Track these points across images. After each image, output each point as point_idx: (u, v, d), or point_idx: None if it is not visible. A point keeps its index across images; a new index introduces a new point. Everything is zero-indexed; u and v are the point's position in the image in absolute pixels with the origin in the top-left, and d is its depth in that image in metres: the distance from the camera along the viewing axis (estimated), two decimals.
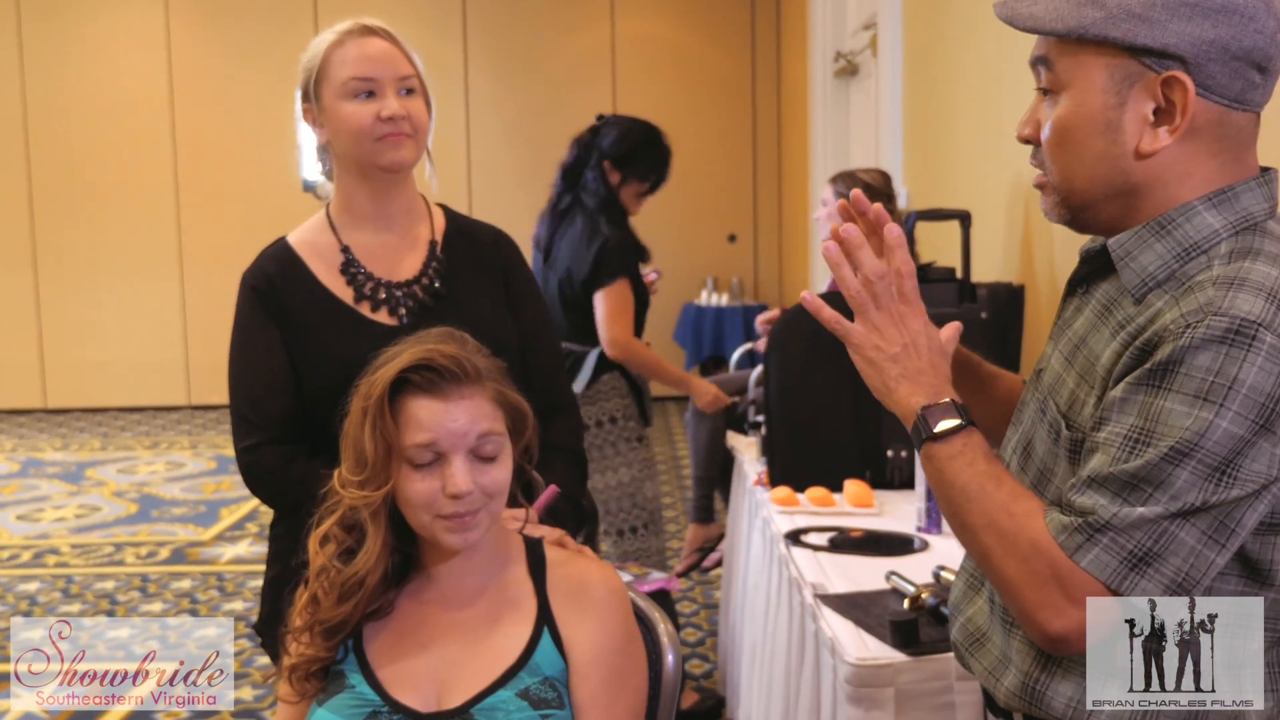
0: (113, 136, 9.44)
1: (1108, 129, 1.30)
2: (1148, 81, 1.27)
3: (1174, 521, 1.21)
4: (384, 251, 2.13)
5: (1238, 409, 1.17)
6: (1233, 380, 1.17)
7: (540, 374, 2.18)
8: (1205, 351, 1.18)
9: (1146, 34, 1.25)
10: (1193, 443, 1.18)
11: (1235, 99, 1.27)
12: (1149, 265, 1.30)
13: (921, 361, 1.41)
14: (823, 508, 2.97)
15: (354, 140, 2.05)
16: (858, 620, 2.20)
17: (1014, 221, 3.67)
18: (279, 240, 2.17)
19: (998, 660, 1.45)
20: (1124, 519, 1.22)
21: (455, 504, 1.56)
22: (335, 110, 2.07)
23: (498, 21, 9.44)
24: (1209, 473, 1.19)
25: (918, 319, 1.41)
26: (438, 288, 2.11)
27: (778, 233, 9.88)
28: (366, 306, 2.08)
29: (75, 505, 6.78)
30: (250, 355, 2.10)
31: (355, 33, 2.10)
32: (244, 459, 2.08)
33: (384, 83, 2.05)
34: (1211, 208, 1.29)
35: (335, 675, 1.64)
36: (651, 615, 1.85)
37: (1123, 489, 1.23)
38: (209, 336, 9.54)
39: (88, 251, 9.50)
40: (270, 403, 2.05)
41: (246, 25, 9.42)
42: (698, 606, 4.92)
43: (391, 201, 2.13)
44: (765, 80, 9.80)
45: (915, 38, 5.08)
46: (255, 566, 5.57)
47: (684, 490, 6.66)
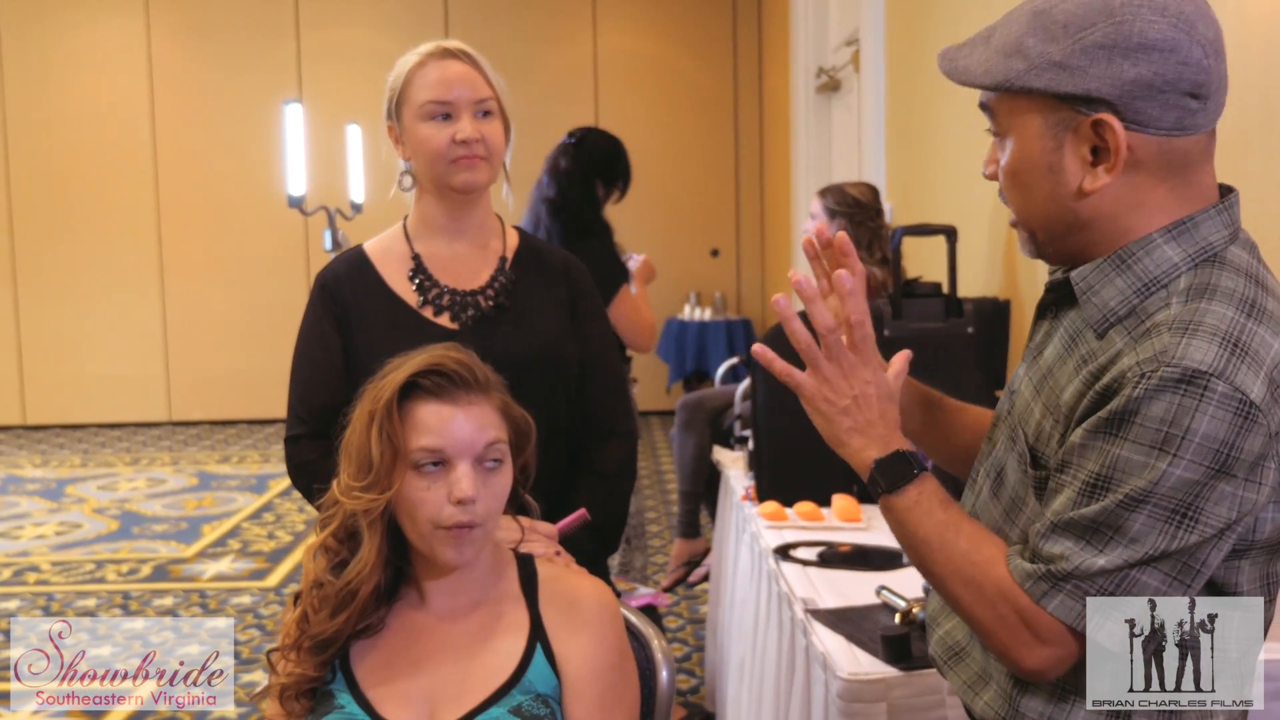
0: (93, 150, 9.41)
1: (1050, 171, 1.33)
2: (1079, 125, 1.29)
3: (1136, 568, 1.24)
4: (454, 261, 2.20)
5: (1191, 457, 1.19)
6: (1185, 430, 1.19)
7: (599, 399, 2.24)
8: (1159, 402, 1.20)
9: (1068, 82, 1.28)
10: (1148, 490, 1.21)
11: (1173, 128, 1.27)
12: (1110, 300, 1.32)
13: (872, 413, 1.42)
14: (811, 522, 2.97)
15: (430, 161, 2.13)
16: (849, 635, 2.20)
17: (999, 236, 3.68)
18: (356, 246, 2.26)
19: (977, 675, 1.47)
20: (1087, 569, 1.26)
21: (459, 512, 1.55)
22: (414, 131, 2.14)
23: (480, 35, 9.44)
24: (1168, 516, 1.21)
25: (868, 368, 1.42)
26: (501, 300, 2.17)
27: (760, 247, 9.90)
28: (430, 311, 2.15)
29: (55, 522, 6.73)
30: (307, 350, 2.17)
31: (436, 55, 2.16)
32: (287, 449, 2.16)
33: (460, 105, 2.11)
34: (1171, 240, 1.30)
35: (324, 696, 1.63)
36: (645, 632, 1.85)
37: (1084, 533, 1.26)
38: (190, 352, 9.51)
39: (68, 266, 9.47)
40: (316, 397, 2.12)
41: (228, 39, 9.42)
42: (684, 621, 4.91)
43: (465, 218, 2.20)
44: (747, 95, 9.83)
45: (897, 53, 5.09)
46: (238, 583, 5.55)
47: (669, 505, 6.65)
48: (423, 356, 1.61)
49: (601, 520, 2.14)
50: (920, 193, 4.70)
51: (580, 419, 2.23)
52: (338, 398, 2.01)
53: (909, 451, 1.41)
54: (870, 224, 4.22)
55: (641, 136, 9.77)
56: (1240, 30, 2.20)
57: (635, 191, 4.29)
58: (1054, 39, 1.28)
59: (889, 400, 1.43)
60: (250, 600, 5.31)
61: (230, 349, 9.42)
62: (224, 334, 9.43)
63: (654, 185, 9.49)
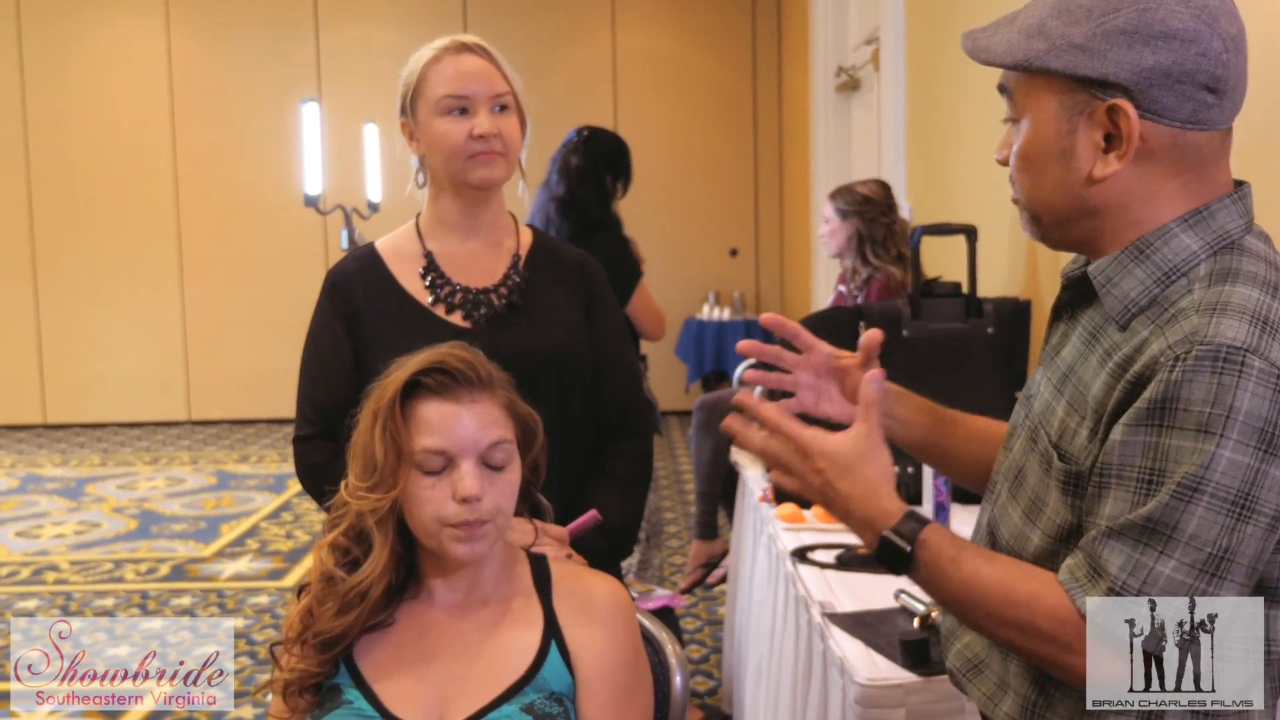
0: (113, 150, 9.44)
1: (1062, 156, 1.33)
2: (1094, 110, 1.30)
3: (1204, 578, 1.20)
4: (467, 259, 2.17)
5: (1238, 437, 1.17)
6: (1229, 408, 1.17)
7: (613, 398, 2.22)
8: (1197, 383, 1.19)
9: (1087, 65, 1.28)
10: (1200, 477, 1.18)
11: (1187, 120, 1.28)
12: (1130, 291, 1.31)
13: (844, 503, 1.40)
14: (829, 524, 2.94)
15: (446, 157, 2.10)
16: (867, 640, 2.18)
17: (1019, 236, 3.65)
18: (368, 243, 2.23)
19: (996, 686, 1.46)
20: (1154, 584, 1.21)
21: (464, 510, 1.54)
22: (429, 126, 2.11)
23: (498, 35, 9.35)
24: (1227, 508, 1.18)
25: (824, 459, 1.40)
26: (514, 298, 2.15)
27: (779, 247, 9.88)
28: (441, 309, 2.13)
29: (75, 521, 6.75)
30: (315, 349, 2.16)
31: (452, 49, 2.13)
32: (296, 450, 2.15)
33: (477, 100, 2.09)
34: (1188, 229, 1.30)
35: (330, 691, 1.61)
36: (659, 636, 1.83)
37: (1142, 535, 1.22)
38: (210, 351, 9.53)
39: (88, 265, 9.50)
40: (325, 398, 2.10)
41: (248, 38, 9.44)
42: (702, 623, 4.89)
43: (479, 215, 2.18)
44: (766, 95, 9.81)
45: (917, 52, 5.07)
46: (256, 583, 5.55)
47: (687, 506, 6.63)
48: (425, 355, 1.60)
49: (615, 523, 2.11)
50: (940, 192, 4.68)
51: (595, 419, 2.21)
52: (347, 398, 2.00)
53: (894, 529, 1.37)
54: (883, 220, 4.20)
55: (660, 136, 9.80)
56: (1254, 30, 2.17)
57: (654, 190, 4.30)
58: (1077, 22, 1.29)
59: (844, 476, 1.40)
60: (268, 600, 5.31)
61: (250, 348, 9.43)
62: (244, 333, 9.45)
63: (673, 185, 9.49)
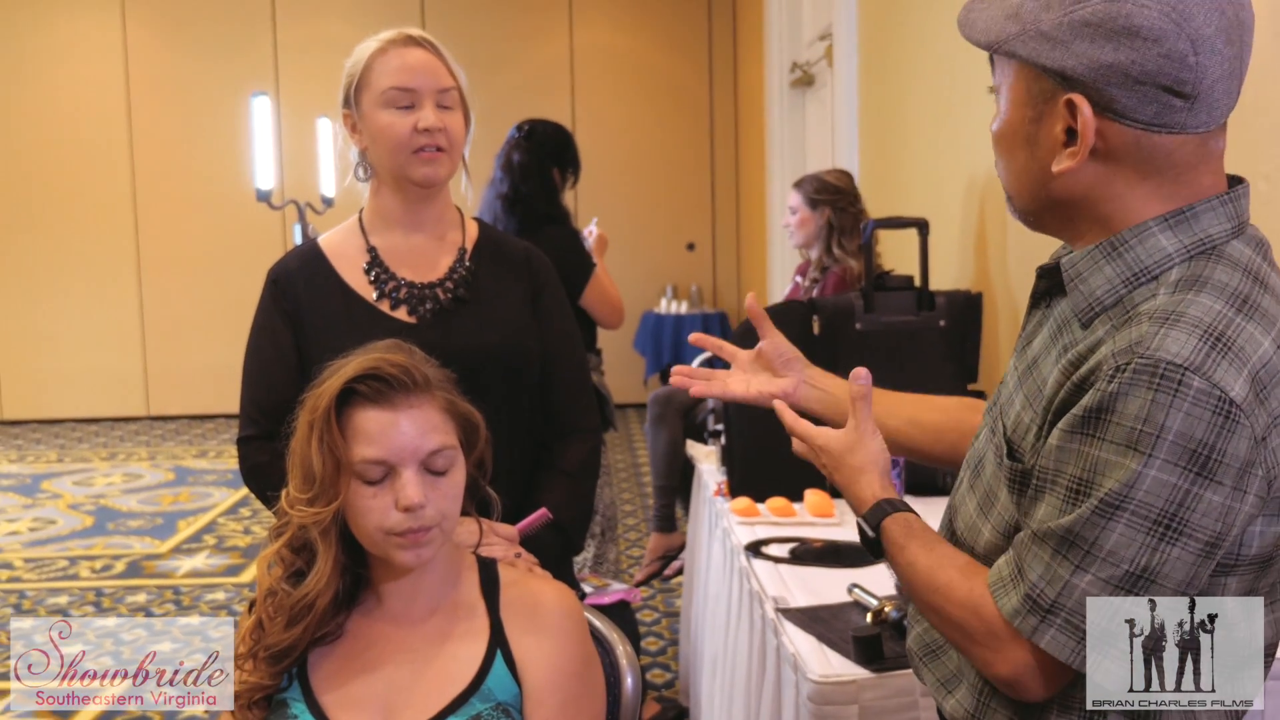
0: (69, 144, 9.34)
1: (1028, 142, 1.29)
2: (1056, 101, 1.25)
3: (1117, 595, 1.18)
4: (411, 254, 2.14)
5: (1165, 456, 1.13)
6: (1159, 427, 1.13)
7: (560, 394, 2.19)
8: (1132, 398, 1.14)
9: (1049, 55, 1.23)
10: (1122, 494, 1.15)
11: (1151, 123, 1.21)
12: (1097, 289, 1.27)
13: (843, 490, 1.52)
14: (783, 518, 2.97)
15: (390, 150, 2.07)
16: (820, 635, 2.19)
17: (971, 229, 3.69)
18: (311, 240, 2.19)
19: (952, 674, 1.45)
20: (1069, 596, 1.20)
21: (407, 519, 1.51)
22: (373, 118, 2.07)
23: (456, 31, 9.39)
24: (1149, 527, 1.15)
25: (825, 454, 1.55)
26: (461, 292, 2.12)
27: (736, 240, 9.90)
28: (386, 304, 2.10)
29: (29, 518, 6.69)
30: (257, 349, 2.12)
31: (399, 42, 2.09)
32: (240, 451, 2.10)
33: (423, 94, 2.06)
34: (1167, 229, 1.24)
35: (278, 704, 1.59)
36: (610, 637, 1.82)
37: (1061, 545, 1.21)
38: (168, 346, 9.45)
39: (44, 260, 9.39)
40: (267, 397, 2.05)
41: (205, 32, 9.36)
42: (659, 615, 4.91)
43: (422, 210, 2.15)
44: (722, 90, 9.83)
45: (870, 48, 5.10)
46: (212, 579, 5.53)
47: (645, 499, 6.65)
48: (358, 360, 1.56)
49: (565, 520, 2.10)
50: (892, 186, 4.71)
51: (544, 413, 2.19)
52: (290, 397, 1.97)
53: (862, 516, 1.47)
54: (851, 210, 4.23)
55: (617, 131, 9.81)
56: None
57: (611, 185, 4.30)
58: (1049, 7, 1.24)
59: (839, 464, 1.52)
60: (224, 596, 5.28)
61: (209, 343, 9.33)
62: (203, 328, 9.35)
63: (630, 179, 9.50)
